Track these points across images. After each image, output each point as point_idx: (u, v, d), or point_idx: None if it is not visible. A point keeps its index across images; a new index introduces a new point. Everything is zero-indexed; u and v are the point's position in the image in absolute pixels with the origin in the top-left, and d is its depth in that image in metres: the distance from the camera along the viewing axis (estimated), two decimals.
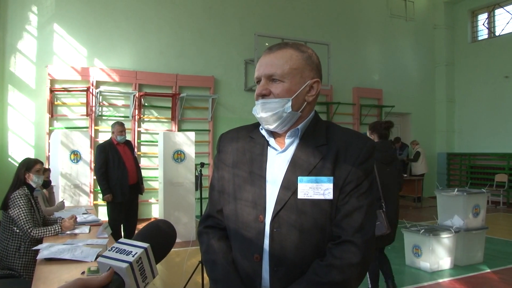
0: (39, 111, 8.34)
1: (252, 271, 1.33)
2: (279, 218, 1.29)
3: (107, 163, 5.77)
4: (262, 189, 1.34)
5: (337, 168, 1.30)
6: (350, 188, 1.30)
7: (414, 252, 5.39)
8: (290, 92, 1.33)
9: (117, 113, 8.97)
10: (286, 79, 1.33)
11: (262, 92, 1.34)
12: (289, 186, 1.30)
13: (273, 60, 1.35)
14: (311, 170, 1.30)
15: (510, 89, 11.72)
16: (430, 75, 13.27)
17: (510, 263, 5.67)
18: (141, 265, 0.89)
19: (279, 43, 1.41)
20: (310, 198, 1.29)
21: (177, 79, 9.41)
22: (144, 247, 0.90)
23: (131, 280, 0.87)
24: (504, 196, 11.37)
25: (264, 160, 1.37)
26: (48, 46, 8.49)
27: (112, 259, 0.88)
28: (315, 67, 1.40)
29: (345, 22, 11.69)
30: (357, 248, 1.26)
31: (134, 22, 9.20)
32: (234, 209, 1.38)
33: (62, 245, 2.92)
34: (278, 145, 1.39)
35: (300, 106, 1.36)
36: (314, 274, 1.26)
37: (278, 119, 1.33)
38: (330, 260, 1.26)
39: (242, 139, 1.45)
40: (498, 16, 12.60)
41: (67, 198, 6.87)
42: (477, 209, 5.59)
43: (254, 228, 1.32)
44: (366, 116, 11.70)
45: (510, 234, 7.61)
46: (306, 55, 1.38)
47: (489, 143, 12.16)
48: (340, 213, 1.29)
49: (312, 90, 1.38)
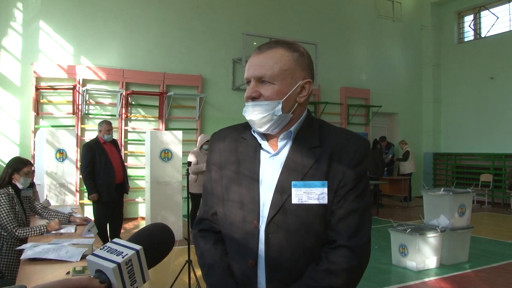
0: (24, 109, 8.23)
1: (247, 277, 1.31)
2: (274, 223, 1.27)
3: (93, 162, 5.71)
4: (255, 194, 1.31)
5: (332, 171, 1.28)
6: (344, 191, 1.28)
7: (401, 252, 5.43)
8: (281, 94, 1.29)
9: (103, 112, 8.89)
10: (277, 81, 1.28)
11: (252, 95, 1.30)
12: (283, 191, 1.28)
13: (263, 60, 1.30)
14: (305, 173, 1.28)
15: (495, 90, 11.87)
16: (417, 76, 13.38)
17: (494, 262, 5.74)
18: (130, 267, 0.86)
19: (269, 42, 1.37)
20: (304, 203, 1.26)
21: (164, 78, 9.36)
22: (136, 249, 0.88)
23: (118, 282, 0.85)
24: (489, 195, 11.51)
25: (257, 163, 1.34)
26: (33, 43, 8.38)
27: (101, 258, 0.86)
28: (307, 66, 1.35)
29: (333, 22, 11.73)
30: (353, 252, 1.25)
31: (121, 20, 9.13)
32: (227, 213, 1.36)
33: (47, 245, 2.88)
34: (271, 147, 1.36)
35: (291, 108, 1.32)
36: (311, 279, 1.25)
37: (268, 122, 1.29)
38: (326, 265, 1.25)
39: (234, 140, 1.42)
40: (483, 18, 12.75)
41: (53, 197, 6.78)
42: (463, 209, 5.64)
43: (248, 234, 1.30)
44: (354, 116, 11.76)
45: (495, 234, 7.71)
46: (297, 54, 1.33)
47: (474, 143, 12.31)
48: (335, 216, 1.27)
49: (303, 91, 1.33)
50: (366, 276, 4.84)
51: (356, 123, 11.90)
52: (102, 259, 0.85)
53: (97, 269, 0.86)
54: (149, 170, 7.14)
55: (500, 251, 6.45)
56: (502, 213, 10.35)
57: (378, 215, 9.57)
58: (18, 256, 3.15)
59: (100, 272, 0.85)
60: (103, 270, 0.85)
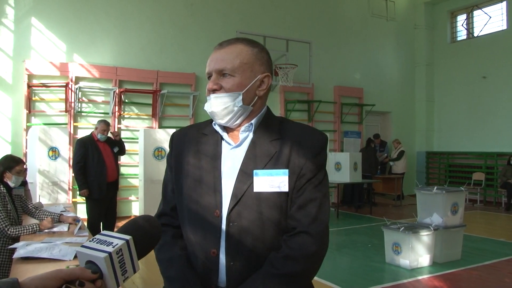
0: (16, 107, 8.16)
1: (208, 267, 1.32)
2: (235, 212, 1.30)
3: (85, 158, 5.69)
4: (217, 184, 1.34)
5: (292, 162, 1.32)
6: (304, 180, 1.32)
7: (394, 250, 5.45)
8: (241, 86, 1.34)
9: (96, 110, 8.84)
10: (237, 73, 1.34)
11: (213, 87, 1.35)
12: (245, 180, 1.31)
13: (224, 55, 1.35)
14: (266, 163, 1.32)
15: (488, 89, 11.94)
16: (410, 75, 13.43)
17: (487, 260, 5.77)
18: (121, 257, 0.87)
19: (230, 39, 1.42)
20: (265, 191, 1.29)
21: (158, 76, 9.31)
22: (126, 239, 0.88)
23: (110, 271, 0.85)
24: (481, 194, 11.57)
25: (219, 155, 1.38)
26: (25, 40, 8.30)
27: (91, 249, 0.86)
28: (265, 62, 1.40)
29: (327, 21, 11.73)
30: (313, 238, 1.28)
31: (114, 17, 9.07)
32: (189, 205, 1.38)
33: (39, 244, 2.85)
34: (232, 140, 1.39)
35: (251, 100, 1.37)
36: (271, 266, 1.27)
37: (229, 113, 1.34)
38: (286, 251, 1.27)
39: (194, 136, 1.45)
40: (476, 18, 12.81)
41: (45, 195, 6.75)
42: (456, 207, 5.67)
43: (210, 223, 1.32)
44: (347, 115, 11.78)
45: (487, 232, 7.77)
46: (256, 49, 1.39)
47: (467, 142, 12.38)
48: (295, 205, 1.31)
49: (262, 85, 1.39)
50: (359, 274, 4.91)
51: (350, 121, 11.92)
52: (93, 250, 0.85)
53: (88, 260, 0.86)
54: (143, 168, 7.12)
55: (492, 249, 6.49)
56: (494, 212, 10.42)
57: (371, 214, 9.61)
58: (10, 255, 3.13)
59: (91, 263, 0.85)
60: (94, 260, 0.85)
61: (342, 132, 11.69)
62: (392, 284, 4.81)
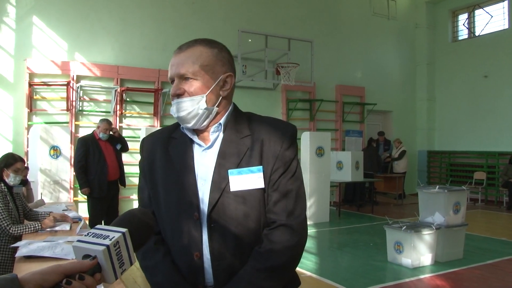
0: (17, 106, 8.15)
1: (194, 269, 1.33)
2: (215, 212, 1.30)
3: (87, 157, 5.70)
4: (193, 187, 1.34)
5: (264, 156, 1.34)
6: (278, 174, 1.33)
7: (396, 249, 5.44)
8: (204, 88, 1.34)
9: (98, 108, 8.83)
10: (198, 76, 1.34)
11: (176, 92, 1.35)
12: (221, 180, 1.31)
13: (183, 59, 1.35)
14: (239, 161, 1.32)
15: (489, 88, 11.92)
16: (411, 74, 13.42)
17: (488, 259, 5.77)
18: (118, 249, 0.87)
19: (189, 41, 1.41)
20: (242, 189, 1.31)
21: (159, 74, 9.30)
22: (122, 232, 0.89)
23: (108, 264, 0.86)
24: (483, 193, 11.58)
25: (191, 158, 1.37)
26: (27, 39, 8.29)
27: (88, 243, 0.86)
28: (227, 61, 1.40)
29: (328, 20, 11.72)
30: (292, 230, 1.30)
31: (116, 15, 9.06)
32: (167, 210, 1.38)
33: (42, 243, 2.85)
34: (202, 141, 1.39)
35: (216, 101, 1.37)
36: (255, 261, 1.29)
37: (194, 117, 1.34)
38: (268, 245, 1.29)
39: (164, 141, 1.44)
40: (478, 17, 12.79)
41: (47, 194, 6.74)
42: (458, 206, 5.66)
43: (191, 227, 1.32)
44: (349, 114, 11.77)
45: (488, 231, 7.76)
46: (216, 50, 1.38)
47: (468, 141, 12.37)
48: (272, 198, 1.33)
49: (226, 85, 1.39)
50: (361, 273, 4.90)
51: (351, 120, 11.91)
52: (90, 244, 0.86)
53: (85, 254, 0.86)
54: None
55: (494, 248, 6.49)
56: (496, 211, 10.42)
57: (373, 213, 9.61)
58: (12, 254, 3.12)
59: (87, 256, 0.86)
60: (92, 254, 0.85)
61: (344, 131, 11.68)
62: (394, 283, 4.80)
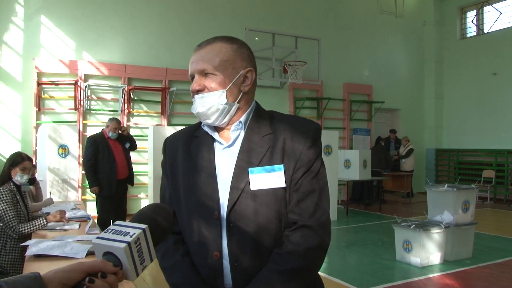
0: (26, 105, 8.21)
1: (213, 270, 1.31)
2: (235, 212, 1.29)
3: (96, 156, 5.74)
4: (214, 186, 1.32)
5: (286, 155, 1.31)
6: (301, 173, 1.31)
7: (405, 248, 5.41)
8: (224, 84, 1.33)
9: (106, 107, 8.87)
10: (218, 71, 1.33)
11: (196, 88, 1.35)
12: (241, 179, 1.30)
13: (203, 55, 1.35)
14: (260, 160, 1.30)
15: (498, 86, 11.82)
16: (419, 72, 13.33)
17: (498, 258, 5.72)
18: (139, 246, 0.86)
19: (208, 39, 1.41)
20: (263, 188, 1.28)
21: (166, 73, 9.32)
22: (143, 228, 0.88)
23: (129, 261, 0.85)
24: (491, 192, 11.50)
25: (212, 156, 1.36)
26: (35, 38, 8.34)
27: (108, 240, 0.85)
28: (247, 57, 1.39)
29: (336, 18, 11.68)
30: (314, 231, 1.27)
31: (123, 14, 9.09)
32: (188, 210, 1.37)
33: (51, 242, 2.86)
34: (223, 139, 1.38)
35: (236, 97, 1.36)
36: (274, 263, 1.25)
37: (215, 112, 1.33)
38: (288, 247, 1.26)
39: (187, 140, 1.44)
40: (486, 14, 12.68)
41: (55, 193, 6.77)
42: (467, 205, 5.62)
43: (211, 226, 1.31)
44: (356, 112, 11.72)
45: (497, 230, 7.70)
46: (235, 46, 1.38)
47: (476, 139, 12.27)
48: (294, 198, 1.30)
49: (246, 80, 1.38)
50: (369, 272, 4.87)
51: (359, 119, 11.87)
52: (110, 241, 0.85)
53: (105, 251, 0.85)
54: (152, 166, 7.13)
55: (504, 247, 6.44)
56: (505, 209, 10.34)
57: (380, 211, 9.57)
58: (22, 252, 3.14)
59: (109, 254, 0.85)
60: (113, 251, 0.84)
61: (351, 130, 11.64)
62: (402, 282, 4.78)
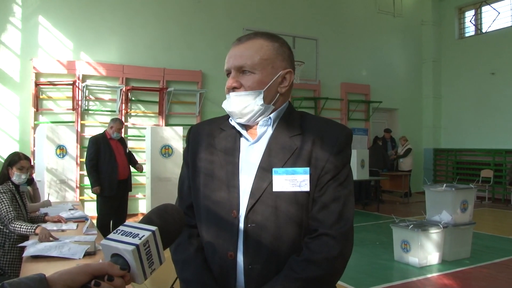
0: (23, 105, 8.19)
1: (226, 269, 1.26)
2: (254, 212, 1.23)
3: (98, 156, 5.73)
4: (235, 182, 1.27)
5: (313, 158, 1.25)
6: (327, 178, 1.25)
7: (403, 248, 5.41)
8: (262, 84, 1.28)
9: (103, 108, 8.85)
10: (257, 70, 1.27)
11: (232, 85, 1.29)
12: (264, 179, 1.24)
13: (243, 51, 1.29)
14: (286, 161, 1.25)
15: (496, 85, 11.83)
16: (417, 71, 13.34)
17: (496, 258, 5.72)
18: (148, 249, 0.84)
19: (249, 34, 1.36)
20: (286, 190, 1.23)
21: (164, 73, 9.31)
22: (152, 230, 0.86)
23: (137, 264, 0.83)
24: (490, 191, 11.51)
25: (237, 152, 1.31)
26: (33, 38, 8.32)
27: (117, 241, 0.84)
28: (287, 57, 1.34)
29: (333, 18, 11.68)
30: (335, 241, 1.21)
31: (121, 14, 9.07)
32: (205, 204, 1.31)
33: (49, 242, 2.86)
34: (250, 136, 1.32)
35: (273, 98, 1.30)
36: (291, 270, 1.20)
37: (249, 113, 1.28)
38: (307, 255, 1.21)
39: (212, 132, 1.38)
40: (484, 13, 12.69)
41: (53, 193, 6.76)
42: (465, 205, 5.62)
43: (228, 224, 1.25)
44: (354, 112, 11.73)
45: (496, 229, 7.71)
46: (277, 44, 1.32)
47: (475, 139, 12.28)
48: (317, 205, 1.24)
49: (284, 81, 1.32)
50: (368, 272, 4.86)
51: (357, 118, 11.87)
52: (119, 243, 0.83)
53: (113, 253, 0.84)
54: (150, 166, 7.12)
55: (502, 246, 6.44)
56: (503, 209, 10.35)
57: (378, 211, 9.57)
58: (20, 253, 3.12)
59: (117, 256, 0.83)
60: (121, 253, 0.83)
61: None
62: (401, 282, 4.77)
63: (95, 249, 2.76)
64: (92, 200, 8.33)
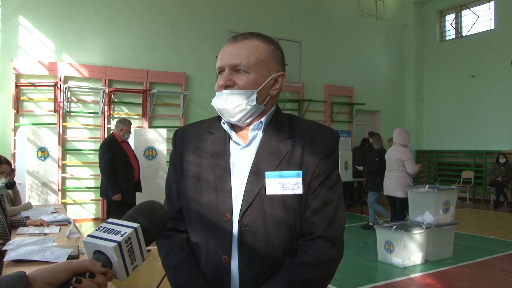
0: (3, 107, 8.04)
1: (220, 274, 1.25)
2: (247, 216, 1.23)
3: (113, 161, 5.54)
4: (227, 186, 1.26)
5: (304, 162, 1.26)
6: (318, 182, 1.26)
7: (386, 248, 5.46)
8: (256, 84, 1.27)
9: (86, 109, 8.75)
10: (252, 70, 1.27)
11: (226, 83, 1.28)
12: (256, 182, 1.24)
13: (239, 50, 1.29)
14: (277, 164, 1.25)
15: (476, 88, 12.04)
16: (399, 74, 13.50)
17: (478, 257, 5.81)
18: (130, 245, 0.84)
19: (245, 33, 1.36)
20: (279, 193, 1.23)
21: (148, 75, 9.24)
22: (134, 227, 0.86)
23: (119, 261, 0.83)
24: (470, 192, 11.70)
25: (227, 155, 1.30)
26: (13, 39, 8.18)
27: (99, 238, 0.83)
28: (280, 60, 1.35)
29: (317, 20, 11.75)
30: (330, 243, 1.23)
31: (104, 15, 8.98)
32: (195, 208, 1.30)
33: (31, 246, 2.80)
34: (240, 139, 1.32)
35: (264, 100, 1.30)
36: (288, 273, 1.21)
37: (242, 111, 1.27)
38: (303, 257, 1.22)
39: (200, 135, 1.37)
40: (465, 17, 12.92)
41: (34, 196, 6.66)
42: (447, 205, 5.70)
43: (221, 228, 1.25)
44: (338, 114, 11.81)
45: (477, 229, 7.83)
46: (272, 47, 1.33)
47: (456, 140, 12.48)
48: (310, 208, 1.25)
49: (276, 84, 1.33)
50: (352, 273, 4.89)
51: (340, 120, 11.95)
52: (101, 240, 0.83)
53: (96, 250, 0.84)
54: None
55: (483, 246, 6.55)
56: (484, 209, 10.53)
57: (362, 212, 9.63)
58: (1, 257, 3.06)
59: (99, 253, 0.83)
60: (103, 250, 0.83)
61: None
62: (385, 283, 4.81)
63: (78, 252, 2.72)
64: (75, 203, 8.24)
